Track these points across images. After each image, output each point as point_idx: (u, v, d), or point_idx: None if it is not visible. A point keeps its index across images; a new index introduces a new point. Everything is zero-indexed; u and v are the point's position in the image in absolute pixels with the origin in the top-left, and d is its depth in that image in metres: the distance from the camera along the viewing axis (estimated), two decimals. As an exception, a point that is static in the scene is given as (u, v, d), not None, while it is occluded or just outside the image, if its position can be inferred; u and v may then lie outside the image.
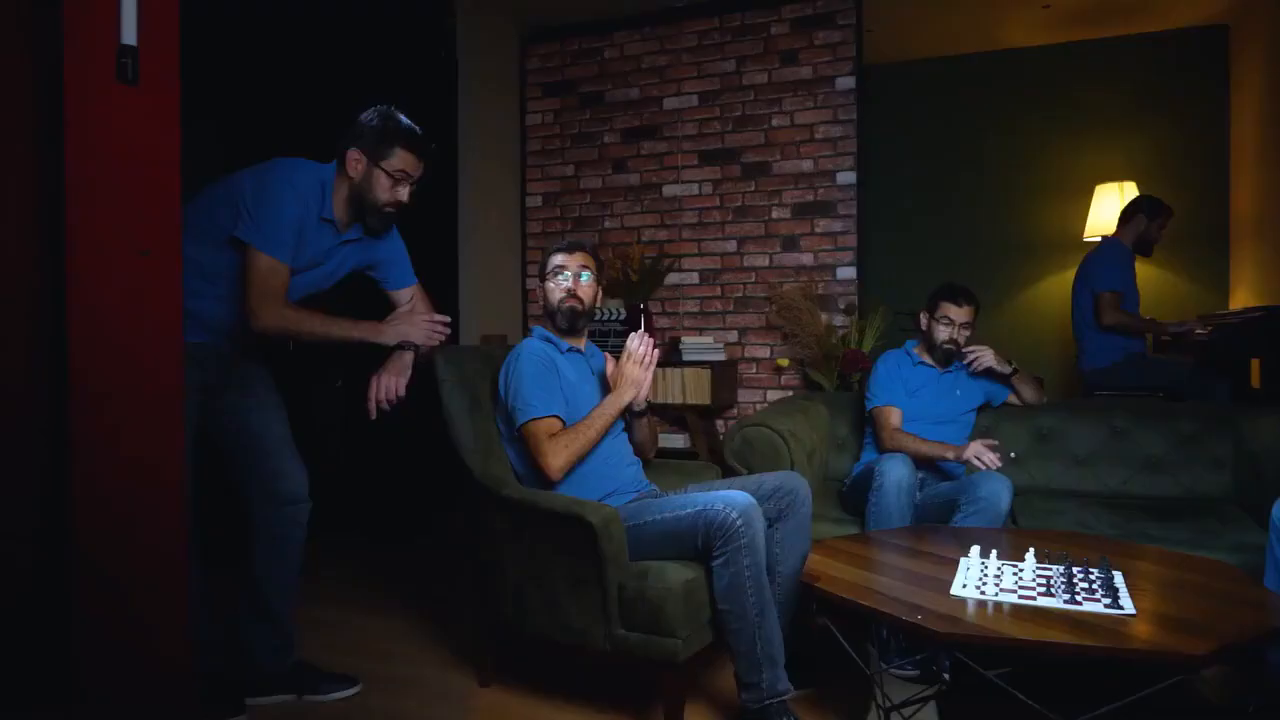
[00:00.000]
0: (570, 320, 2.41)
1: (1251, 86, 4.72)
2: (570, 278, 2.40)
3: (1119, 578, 1.82)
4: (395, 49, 4.06)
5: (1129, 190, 4.81)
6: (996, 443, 2.61)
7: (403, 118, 2.21)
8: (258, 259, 2.07)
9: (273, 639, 2.32)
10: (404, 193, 2.20)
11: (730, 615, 2.02)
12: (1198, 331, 3.97)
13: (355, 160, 2.17)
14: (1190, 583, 1.89)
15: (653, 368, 2.31)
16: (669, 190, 4.65)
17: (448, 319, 2.31)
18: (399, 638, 2.80)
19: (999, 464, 2.54)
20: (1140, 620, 1.63)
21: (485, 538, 2.34)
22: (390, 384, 2.20)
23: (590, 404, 2.34)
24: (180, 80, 1.48)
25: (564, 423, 2.26)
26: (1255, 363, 3.93)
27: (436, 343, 2.29)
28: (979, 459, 2.55)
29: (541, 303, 2.46)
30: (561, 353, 2.39)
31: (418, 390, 2.27)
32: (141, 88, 1.41)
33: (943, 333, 2.93)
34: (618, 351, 2.38)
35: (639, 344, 2.29)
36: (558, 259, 2.43)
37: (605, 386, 2.43)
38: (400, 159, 2.17)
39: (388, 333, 2.24)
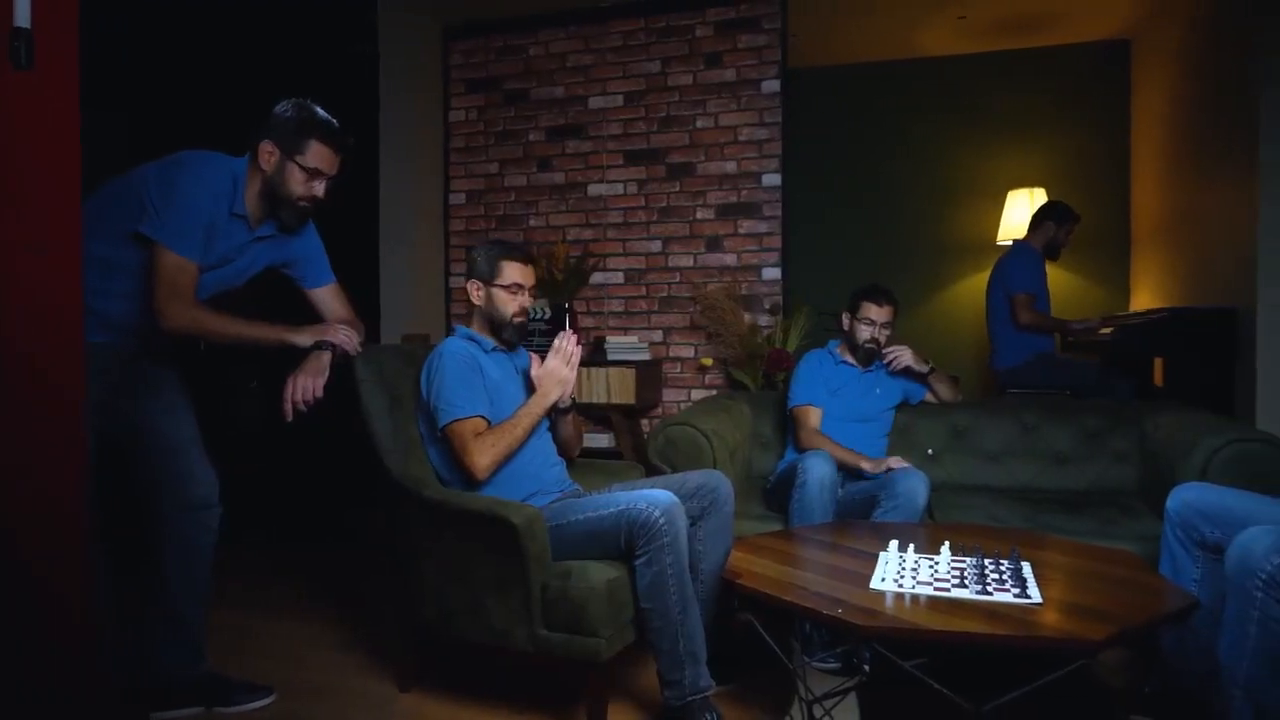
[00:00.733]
0: (520, 336, 2.39)
1: (1151, 99, 4.96)
2: (526, 294, 2.39)
3: (1027, 568, 1.89)
4: (315, 41, 3.95)
5: (1039, 196, 5.00)
6: (906, 465, 2.69)
7: (319, 110, 2.15)
8: (164, 256, 1.99)
9: (181, 648, 2.23)
10: (319, 188, 2.14)
11: (653, 613, 2.02)
12: (1102, 331, 4.15)
13: (268, 153, 2.10)
14: (1093, 571, 1.97)
15: (576, 366, 2.31)
16: (594, 189, 4.64)
17: (362, 326, 2.27)
18: (316, 643, 2.73)
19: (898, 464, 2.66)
20: (1046, 608, 1.69)
21: (405, 539, 2.29)
22: (307, 385, 2.13)
23: (515, 403, 2.32)
24: (81, 66, 1.40)
25: (489, 423, 2.24)
26: (1158, 361, 4.13)
27: (353, 346, 2.25)
28: (894, 466, 2.65)
29: (481, 305, 2.40)
30: (486, 352, 2.37)
31: (337, 391, 2.21)
32: (36, 73, 1.33)
33: (864, 332, 2.99)
34: (543, 350, 2.36)
35: (566, 342, 2.29)
36: (516, 274, 2.38)
37: (530, 385, 2.41)
38: (316, 153, 2.11)
39: (304, 333, 2.18)
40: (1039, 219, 4.29)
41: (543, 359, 2.33)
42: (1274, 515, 1.93)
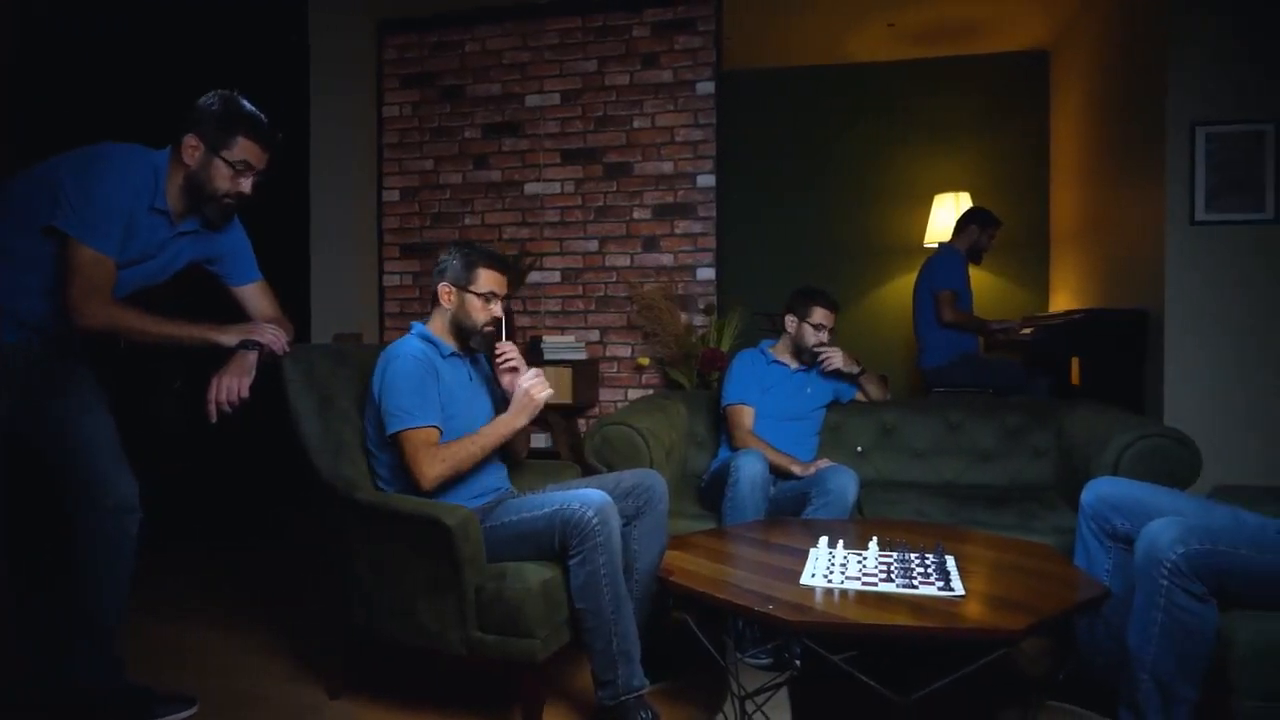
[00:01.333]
0: (487, 346, 2.36)
1: (1068, 109, 5.16)
2: (498, 304, 2.35)
3: (951, 562, 1.95)
4: (243, 32, 3.84)
5: (964, 200, 5.15)
6: (831, 463, 2.75)
7: (246, 103, 2.09)
8: (79, 251, 1.92)
9: (98, 660, 2.14)
10: (246, 184, 2.08)
11: (587, 613, 2.02)
12: (1023, 332, 4.30)
13: (192, 147, 2.04)
14: (1013, 564, 2.04)
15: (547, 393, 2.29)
16: (530, 188, 4.62)
17: (292, 327, 2.22)
18: (241, 650, 2.66)
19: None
20: (969, 601, 1.75)
21: (336, 542, 2.25)
22: (232, 385, 2.08)
23: (469, 410, 2.30)
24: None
25: (442, 433, 2.20)
26: (1075, 361, 4.30)
27: (280, 346, 2.19)
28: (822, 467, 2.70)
29: (450, 309, 2.33)
30: (443, 356, 2.32)
31: (263, 391, 2.16)
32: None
33: (813, 337, 3.05)
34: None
35: (536, 379, 2.27)
36: (492, 283, 2.33)
37: (488, 390, 2.39)
38: (243, 148, 2.06)
39: (229, 332, 2.12)
40: (963, 223, 4.43)
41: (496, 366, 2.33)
42: (1179, 507, 2.03)
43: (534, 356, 4.23)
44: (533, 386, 2.25)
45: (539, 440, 4.14)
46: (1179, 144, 3.50)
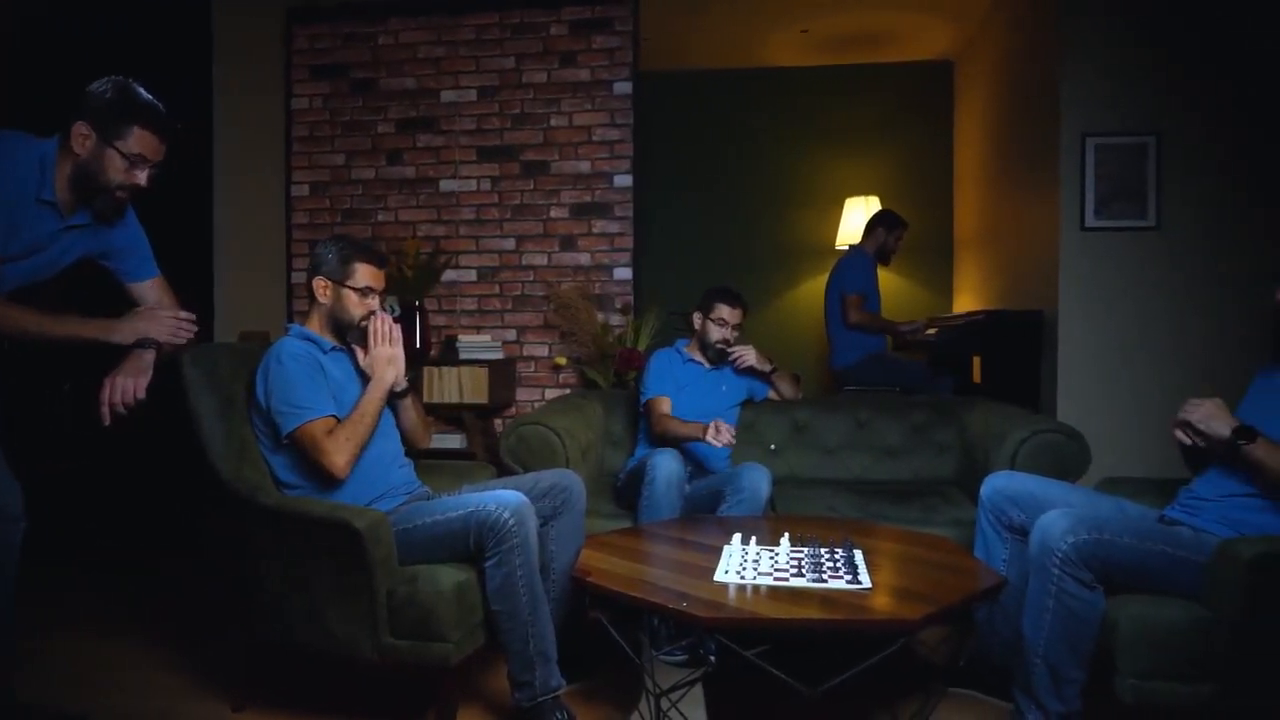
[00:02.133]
0: (365, 340, 2.31)
1: (971, 117, 5.37)
2: (376, 299, 2.32)
3: (859, 555, 2.01)
4: (139, 15, 3.67)
5: (873, 204, 5.31)
6: (730, 426, 2.76)
7: (142, 92, 2.00)
8: (-44, 244, 1.80)
9: (-21, 679, 2.02)
10: (141, 176, 1.99)
11: (503, 615, 2.01)
12: (928, 332, 4.46)
13: (82, 136, 1.94)
14: (917, 556, 2.12)
15: (400, 342, 2.29)
16: (446, 185, 4.55)
17: (194, 316, 2.12)
18: (140, 665, 2.54)
19: (727, 441, 2.70)
20: (876, 593, 1.81)
21: (240, 548, 2.18)
22: (127, 386, 1.98)
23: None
24: None
25: (339, 421, 2.17)
26: (976, 360, 4.48)
27: (181, 341, 2.10)
28: (714, 438, 2.69)
29: (326, 304, 2.30)
30: (325, 352, 2.28)
31: (162, 391, 2.07)
32: None
33: (716, 333, 3.09)
34: None
35: (380, 322, 2.27)
36: (369, 277, 2.30)
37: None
38: (138, 139, 1.96)
39: (123, 330, 2.02)
40: (871, 226, 4.57)
41: (365, 350, 2.29)
42: (1069, 499, 2.14)
43: (450, 356, 4.18)
44: (380, 346, 2.26)
45: (453, 440, 4.08)
46: (1071, 154, 3.68)
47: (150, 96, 2.00)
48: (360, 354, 2.30)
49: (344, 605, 2.01)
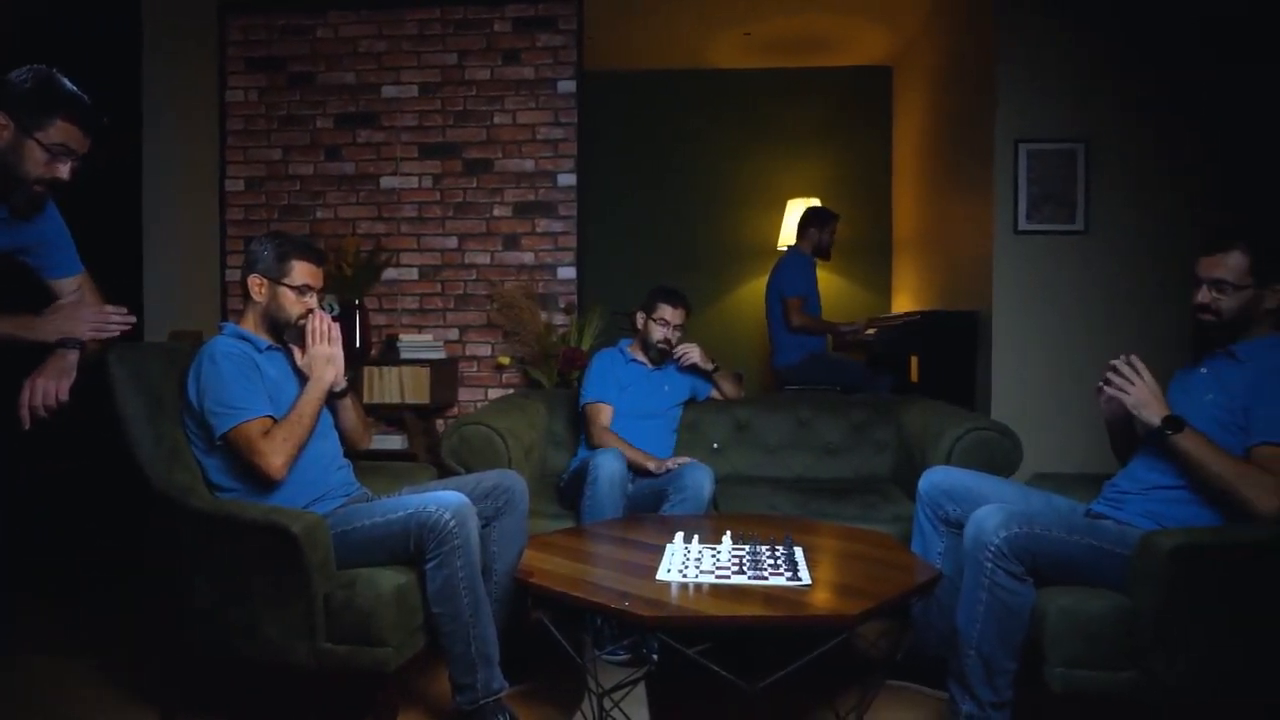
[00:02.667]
0: (300, 339, 2.26)
1: (909, 122, 5.48)
2: (314, 297, 2.27)
3: (799, 553, 2.03)
4: (64, 4, 3.53)
5: (814, 204, 5.39)
6: (687, 459, 2.83)
7: (65, 82, 1.92)
8: None
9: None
10: (63, 169, 1.91)
11: (444, 618, 1.99)
12: (867, 332, 4.54)
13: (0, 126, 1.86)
14: (855, 553, 2.16)
15: (339, 341, 2.25)
16: (387, 182, 4.48)
17: (125, 309, 2.05)
18: (62, 678, 2.45)
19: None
20: (815, 589, 1.84)
21: (171, 553, 2.11)
22: (49, 387, 1.90)
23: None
24: None
25: (275, 421, 2.12)
26: (913, 359, 4.57)
27: (110, 335, 2.02)
28: (657, 470, 2.78)
29: (262, 303, 2.24)
30: (260, 351, 2.22)
31: (87, 392, 2.00)
32: None
33: (658, 332, 3.10)
34: None
35: (318, 321, 2.23)
36: (307, 275, 2.25)
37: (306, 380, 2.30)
38: (60, 131, 1.89)
39: (44, 328, 1.95)
40: (803, 226, 4.64)
41: (303, 350, 2.24)
42: (1002, 494, 2.20)
43: (390, 355, 4.12)
44: (319, 345, 2.22)
45: (393, 441, 4.03)
46: (1004, 159, 3.79)
47: (74, 87, 1.93)
48: (298, 353, 2.26)
49: (279, 611, 1.96)
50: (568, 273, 4.42)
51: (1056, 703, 1.89)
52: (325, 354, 2.22)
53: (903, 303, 5.51)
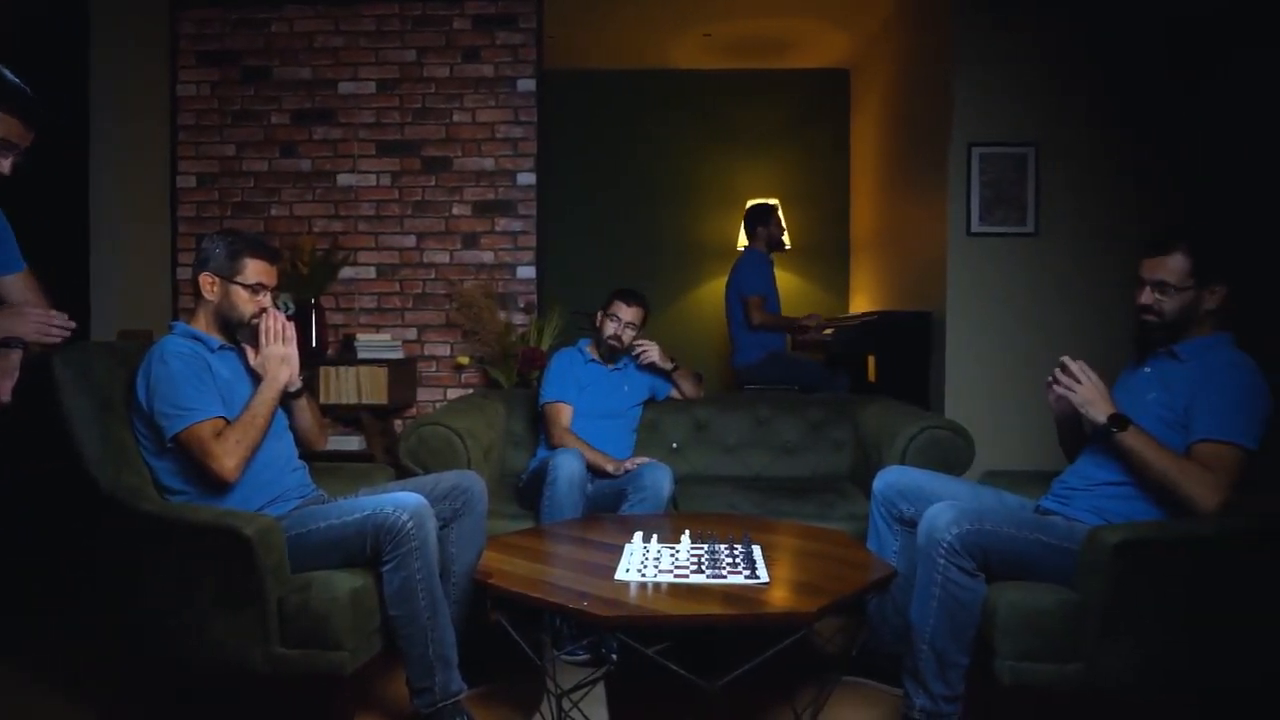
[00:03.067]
0: (254, 339, 2.22)
1: (866, 124, 5.55)
2: (267, 295, 2.23)
3: (758, 551, 2.05)
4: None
5: (753, 203, 5.42)
6: (646, 460, 2.83)
7: (7, 73, 1.87)
8: None
9: None
10: (4, 164, 1.86)
11: (401, 620, 1.97)
12: (825, 332, 4.59)
13: (-64, 119, 1.80)
14: (813, 550, 2.18)
15: (294, 341, 2.22)
16: (344, 179, 4.43)
17: (67, 315, 1.99)
18: (7, 686, 2.38)
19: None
20: (773, 587, 1.85)
21: (119, 558, 2.06)
22: (-10, 387, 1.86)
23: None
24: None
25: (229, 423, 2.08)
26: (870, 359, 4.63)
27: (53, 341, 1.97)
28: (616, 471, 2.78)
29: (214, 301, 2.20)
30: (212, 351, 2.18)
31: (31, 392, 1.95)
32: None
33: (609, 328, 3.10)
34: None
35: (272, 320, 2.20)
36: (260, 273, 2.21)
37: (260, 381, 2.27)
38: (1, 124, 1.84)
39: (-16, 327, 1.89)
40: (750, 226, 4.69)
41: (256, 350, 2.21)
42: (955, 492, 2.24)
43: (347, 355, 4.07)
44: (273, 345, 2.19)
45: (351, 442, 3.98)
46: (958, 162, 3.85)
47: (16, 78, 1.87)
48: (251, 353, 2.22)
49: (231, 616, 1.93)
50: (527, 272, 4.40)
51: (1006, 695, 1.93)
52: (280, 354, 2.19)
53: (860, 303, 5.58)
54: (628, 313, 3.10)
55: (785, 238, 4.80)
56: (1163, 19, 3.80)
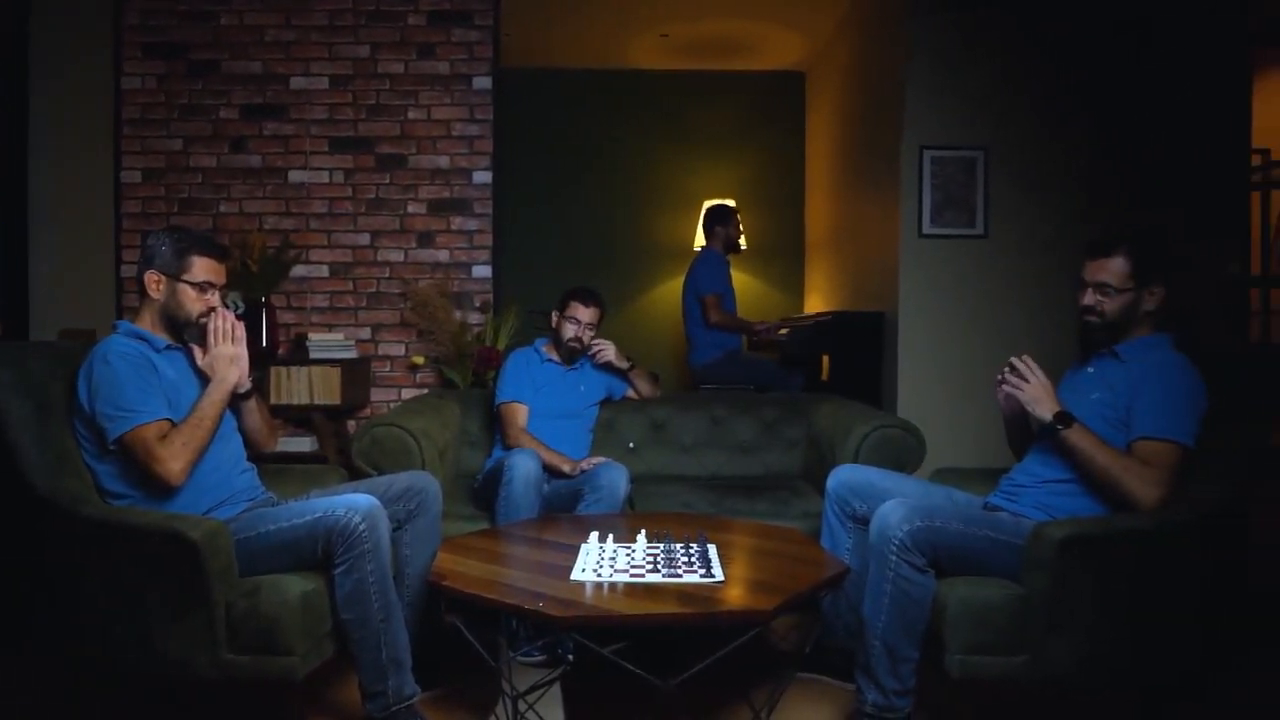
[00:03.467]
0: (202, 338, 2.17)
1: (821, 127, 5.61)
2: (216, 294, 2.17)
3: (713, 550, 2.06)
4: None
5: (713, 204, 5.46)
6: (602, 460, 2.83)
7: None
8: None
9: None
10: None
11: (353, 624, 1.94)
12: (780, 332, 4.63)
13: None
14: (768, 549, 2.20)
15: (244, 340, 2.18)
16: (295, 176, 4.35)
17: None
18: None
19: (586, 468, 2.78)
20: (728, 586, 1.86)
21: (59, 564, 2.00)
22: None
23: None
24: None
25: (174, 425, 2.03)
26: (825, 358, 4.69)
27: None
28: (572, 472, 2.78)
29: (160, 300, 2.14)
30: (158, 351, 2.13)
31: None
32: None
33: (569, 330, 3.10)
34: None
35: (220, 320, 2.16)
36: (208, 271, 2.15)
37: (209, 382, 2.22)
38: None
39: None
40: (709, 226, 4.72)
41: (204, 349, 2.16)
42: (906, 489, 2.28)
43: (299, 355, 4.00)
44: (221, 344, 2.15)
45: (302, 443, 3.92)
46: (910, 165, 3.92)
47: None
48: (199, 353, 2.17)
49: (177, 622, 1.88)
50: (483, 271, 4.37)
51: (954, 688, 1.97)
52: (229, 354, 2.14)
53: (815, 303, 5.64)
54: (586, 313, 3.10)
55: (742, 240, 4.84)
56: (1109, 24, 3.90)
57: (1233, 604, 2.57)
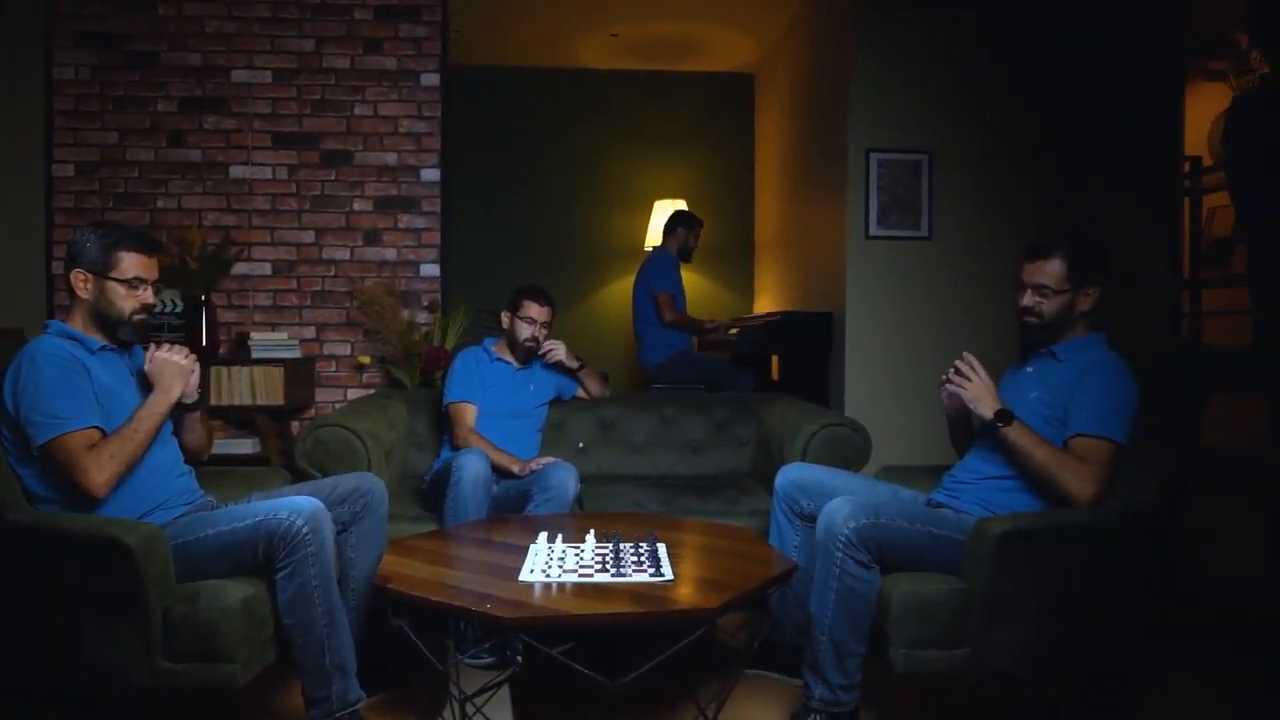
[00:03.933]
0: (138, 335, 2.10)
1: (770, 128, 5.67)
2: (148, 290, 2.09)
3: (662, 549, 2.06)
4: None
5: (680, 206, 5.50)
6: (552, 460, 2.81)
7: None
8: None
9: None
10: None
11: (296, 629, 1.90)
12: (730, 331, 4.67)
13: None
14: (717, 547, 2.21)
15: (194, 357, 2.12)
16: (237, 171, 4.25)
17: None
18: None
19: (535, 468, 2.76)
20: (677, 584, 1.86)
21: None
22: None
23: (131, 409, 2.04)
24: None
25: (104, 433, 1.95)
26: (774, 358, 4.73)
27: None
28: (521, 473, 2.75)
29: (88, 300, 2.05)
30: (92, 352, 2.05)
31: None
32: None
33: (525, 330, 3.07)
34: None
35: (168, 350, 2.09)
36: (137, 267, 2.06)
37: (149, 386, 2.14)
38: None
39: None
40: (671, 226, 4.73)
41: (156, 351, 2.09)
42: (852, 487, 2.31)
43: (241, 354, 3.91)
44: (170, 353, 2.08)
45: (244, 445, 3.83)
46: (856, 168, 3.97)
47: None
48: (146, 357, 2.09)
49: (110, 631, 1.82)
50: (431, 270, 4.32)
51: (899, 681, 2.00)
52: (181, 366, 2.07)
53: (764, 303, 5.69)
54: (541, 312, 3.08)
55: (695, 252, 4.85)
56: (1053, 33, 4.01)
57: (1166, 597, 2.66)
